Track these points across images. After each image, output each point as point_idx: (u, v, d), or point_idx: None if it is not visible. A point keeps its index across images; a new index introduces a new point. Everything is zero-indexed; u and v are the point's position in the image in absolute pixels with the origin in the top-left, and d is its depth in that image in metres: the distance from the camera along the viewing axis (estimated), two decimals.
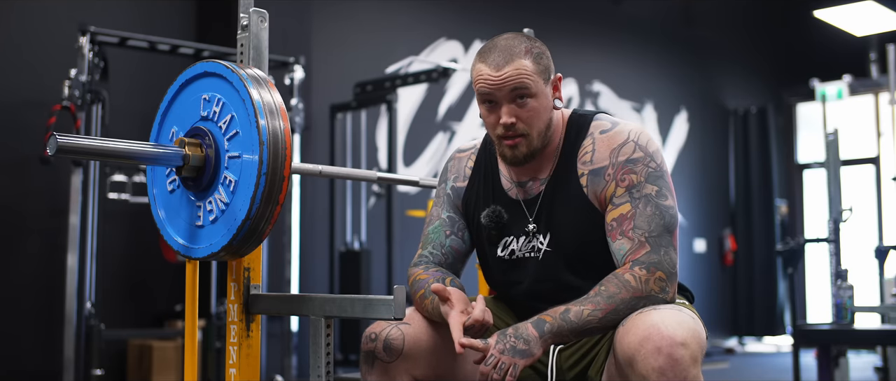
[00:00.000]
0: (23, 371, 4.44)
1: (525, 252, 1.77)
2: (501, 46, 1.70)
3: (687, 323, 1.51)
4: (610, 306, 1.59)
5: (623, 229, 1.66)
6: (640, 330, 1.50)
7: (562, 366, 1.76)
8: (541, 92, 1.70)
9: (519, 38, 1.72)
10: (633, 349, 1.49)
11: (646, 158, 1.69)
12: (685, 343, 1.47)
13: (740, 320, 8.57)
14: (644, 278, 1.61)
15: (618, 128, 1.74)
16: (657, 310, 1.54)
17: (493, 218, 1.79)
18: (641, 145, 1.70)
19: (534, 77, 1.68)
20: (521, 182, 1.80)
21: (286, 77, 4.80)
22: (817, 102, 8.08)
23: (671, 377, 1.45)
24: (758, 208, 8.67)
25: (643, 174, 1.68)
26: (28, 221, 4.60)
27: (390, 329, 1.68)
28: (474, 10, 6.60)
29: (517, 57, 1.68)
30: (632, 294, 1.60)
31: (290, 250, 4.81)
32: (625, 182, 1.68)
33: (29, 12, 4.64)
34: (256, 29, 1.65)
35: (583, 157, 1.73)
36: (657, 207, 1.66)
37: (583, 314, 1.59)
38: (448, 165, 1.93)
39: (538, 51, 1.71)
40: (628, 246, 1.64)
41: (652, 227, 1.64)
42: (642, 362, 1.47)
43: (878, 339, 3.90)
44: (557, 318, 1.60)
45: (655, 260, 1.62)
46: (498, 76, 1.67)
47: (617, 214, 1.68)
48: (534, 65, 1.69)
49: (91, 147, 1.54)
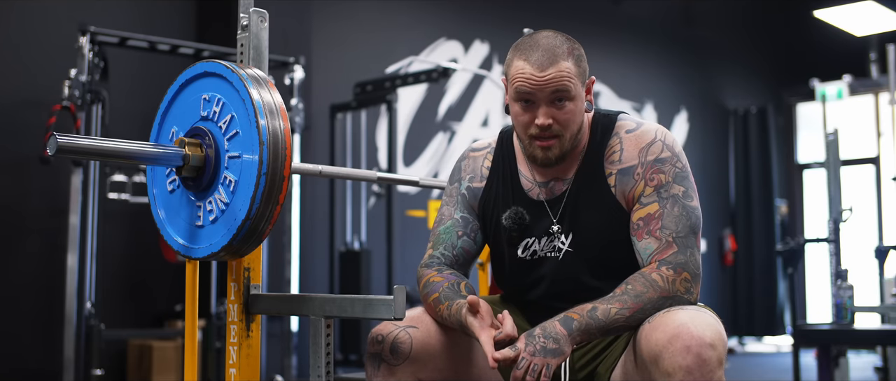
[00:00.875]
0: (23, 371, 4.43)
1: (546, 252, 1.76)
2: (545, 46, 1.67)
3: (714, 326, 1.51)
4: (637, 304, 1.59)
5: (650, 228, 1.66)
6: (669, 328, 1.49)
7: (574, 365, 1.75)
8: (578, 95, 1.69)
9: (560, 38, 1.70)
10: (660, 347, 1.49)
11: (673, 158, 1.70)
12: (714, 345, 1.47)
13: (740, 320, 8.57)
14: (671, 278, 1.61)
15: (644, 127, 1.74)
16: (684, 310, 1.55)
17: (515, 219, 1.78)
18: (668, 145, 1.71)
19: (575, 80, 1.68)
20: (544, 182, 1.78)
21: (286, 77, 4.80)
22: (817, 102, 8.08)
23: (698, 376, 1.45)
24: (758, 208, 8.67)
25: (671, 174, 1.68)
26: (28, 221, 4.60)
27: (398, 332, 1.67)
28: (474, 10, 6.60)
29: (561, 58, 1.66)
30: (659, 294, 1.60)
31: (290, 250, 4.81)
32: (653, 182, 1.68)
33: (29, 12, 4.64)
34: (256, 29, 1.65)
35: (610, 156, 1.73)
36: (684, 207, 1.66)
37: (610, 313, 1.59)
38: (461, 164, 1.90)
39: (578, 53, 1.71)
40: (655, 246, 1.65)
41: (679, 227, 1.65)
42: (669, 359, 1.47)
43: (878, 339, 3.90)
44: (585, 316, 1.59)
45: (682, 261, 1.63)
46: (541, 76, 1.65)
47: (644, 213, 1.68)
48: (576, 67, 1.68)
49: (91, 147, 1.54)
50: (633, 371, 1.61)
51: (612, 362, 1.71)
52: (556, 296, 1.74)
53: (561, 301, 1.68)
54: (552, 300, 1.73)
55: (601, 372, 1.72)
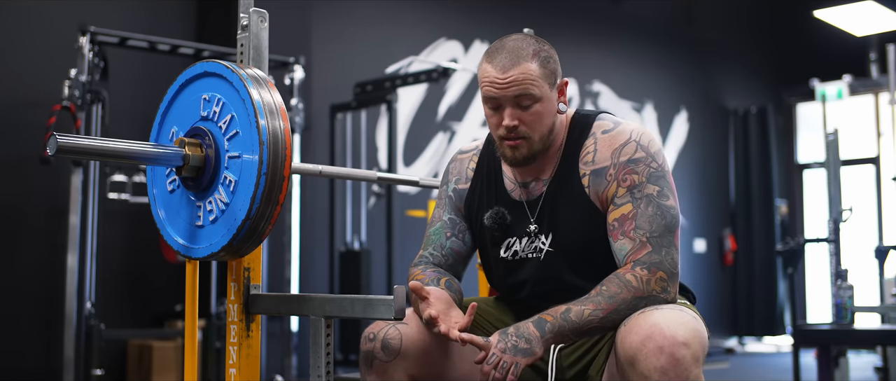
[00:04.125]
0: (23, 371, 4.43)
1: (527, 253, 1.77)
2: (509, 48, 1.69)
3: (689, 323, 1.51)
4: (611, 305, 1.59)
5: (624, 229, 1.66)
6: (642, 330, 1.50)
7: (562, 365, 1.75)
8: (545, 96, 1.69)
9: (527, 40, 1.71)
10: (635, 349, 1.49)
11: (647, 158, 1.69)
12: (687, 343, 1.47)
13: (740, 320, 8.57)
14: (645, 278, 1.61)
15: (620, 128, 1.74)
16: (659, 310, 1.55)
17: (496, 219, 1.79)
18: (643, 145, 1.70)
19: (538, 82, 1.68)
20: (524, 183, 1.79)
21: (286, 77, 4.80)
22: (817, 102, 8.08)
23: (673, 376, 1.45)
24: (758, 208, 8.67)
25: (645, 174, 1.68)
26: (28, 220, 4.60)
27: (388, 329, 1.68)
28: (474, 10, 6.60)
29: (524, 60, 1.67)
30: (633, 294, 1.60)
31: (290, 250, 4.81)
32: (626, 182, 1.68)
33: (29, 12, 4.64)
34: (256, 29, 1.65)
35: (585, 157, 1.73)
36: (658, 207, 1.66)
37: (584, 314, 1.59)
38: (450, 166, 1.93)
39: (546, 54, 1.70)
40: (630, 246, 1.64)
41: (653, 227, 1.64)
42: (644, 361, 1.47)
43: (878, 339, 3.90)
44: (559, 317, 1.60)
45: (657, 260, 1.62)
46: (503, 79, 1.67)
47: (618, 214, 1.68)
48: (540, 69, 1.68)
49: (91, 147, 1.54)
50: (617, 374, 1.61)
51: (601, 364, 1.72)
52: (540, 296, 1.75)
53: (545, 301, 1.68)
54: (537, 300, 1.74)
55: (592, 374, 1.73)
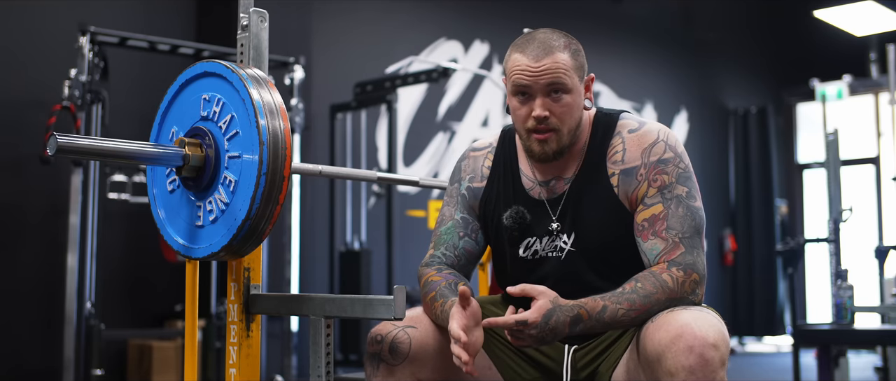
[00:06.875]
0: (23, 371, 4.43)
1: (548, 252, 1.76)
2: (540, 39, 1.70)
3: (717, 326, 1.52)
4: (646, 306, 1.59)
5: (656, 229, 1.66)
6: (671, 328, 1.50)
7: (576, 365, 1.75)
8: (575, 88, 1.70)
9: (557, 33, 1.72)
10: (663, 346, 1.49)
11: (676, 158, 1.70)
12: (716, 345, 1.48)
13: (740, 320, 8.57)
14: (681, 279, 1.61)
15: (646, 127, 1.74)
16: (688, 310, 1.55)
17: (516, 219, 1.77)
18: (671, 145, 1.71)
19: (570, 73, 1.69)
20: (545, 181, 1.78)
21: (286, 77, 4.80)
22: (817, 102, 8.08)
23: (700, 376, 1.46)
24: (758, 208, 8.67)
25: (674, 175, 1.68)
26: (28, 221, 4.60)
27: (397, 332, 1.67)
28: (474, 10, 6.60)
29: (556, 50, 1.68)
30: (668, 296, 1.60)
31: (290, 250, 4.81)
32: (657, 182, 1.68)
33: (29, 12, 4.64)
34: (256, 29, 1.65)
35: (613, 156, 1.73)
36: (688, 208, 1.67)
37: (618, 314, 1.59)
38: (462, 164, 1.90)
39: (575, 47, 1.72)
40: (662, 246, 1.65)
41: (684, 228, 1.65)
42: (673, 359, 1.47)
43: (878, 339, 3.90)
44: (593, 317, 1.59)
45: (690, 262, 1.63)
46: (536, 67, 1.67)
47: (649, 214, 1.68)
48: (572, 60, 1.69)
49: (91, 147, 1.54)
50: (636, 370, 1.61)
51: (613, 361, 1.71)
52: None
53: None
54: None
55: (603, 371, 1.72)
